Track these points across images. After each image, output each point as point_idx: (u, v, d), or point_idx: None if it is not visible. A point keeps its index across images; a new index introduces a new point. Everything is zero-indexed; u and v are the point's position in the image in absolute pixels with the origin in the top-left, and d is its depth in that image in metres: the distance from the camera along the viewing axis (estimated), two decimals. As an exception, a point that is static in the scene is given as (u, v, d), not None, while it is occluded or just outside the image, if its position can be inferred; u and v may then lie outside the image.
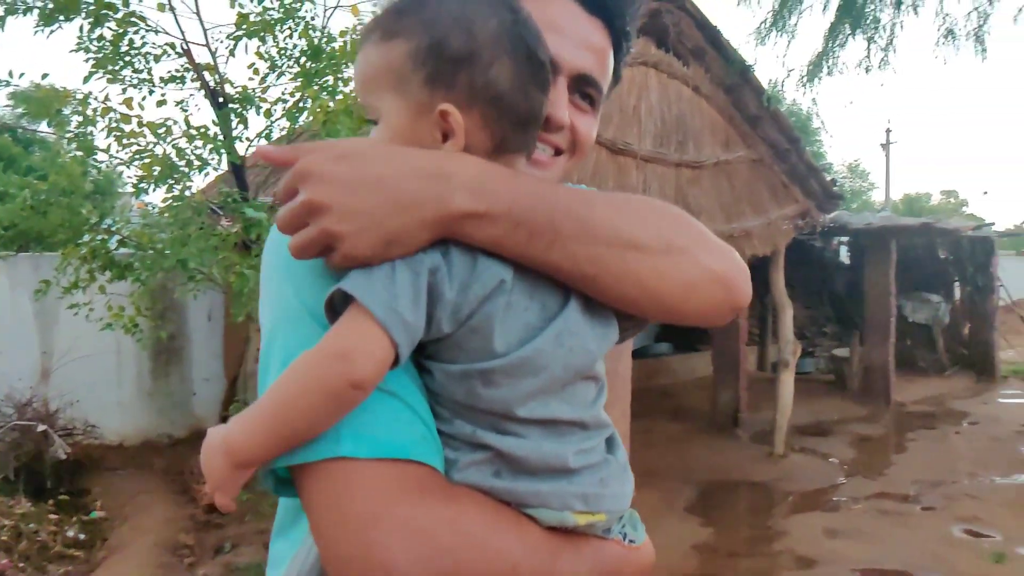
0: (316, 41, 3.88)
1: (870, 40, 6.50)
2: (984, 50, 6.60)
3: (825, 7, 6.56)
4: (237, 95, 3.72)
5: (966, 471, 6.83)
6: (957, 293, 12.50)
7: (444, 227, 0.68)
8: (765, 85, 6.72)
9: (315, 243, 0.68)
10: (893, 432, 8.57)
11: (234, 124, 3.69)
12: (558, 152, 0.87)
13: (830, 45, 6.61)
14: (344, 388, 0.64)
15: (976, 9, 6.60)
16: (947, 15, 6.71)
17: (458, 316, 0.69)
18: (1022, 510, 5.71)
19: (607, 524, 0.75)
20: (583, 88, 0.88)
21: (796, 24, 6.57)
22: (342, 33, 3.96)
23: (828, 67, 6.65)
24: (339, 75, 3.83)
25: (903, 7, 6.63)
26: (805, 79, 6.66)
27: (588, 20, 0.87)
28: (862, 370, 9.99)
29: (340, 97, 3.62)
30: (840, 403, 9.54)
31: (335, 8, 4.05)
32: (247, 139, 3.87)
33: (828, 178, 7.91)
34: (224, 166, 3.82)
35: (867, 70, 6.64)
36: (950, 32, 6.64)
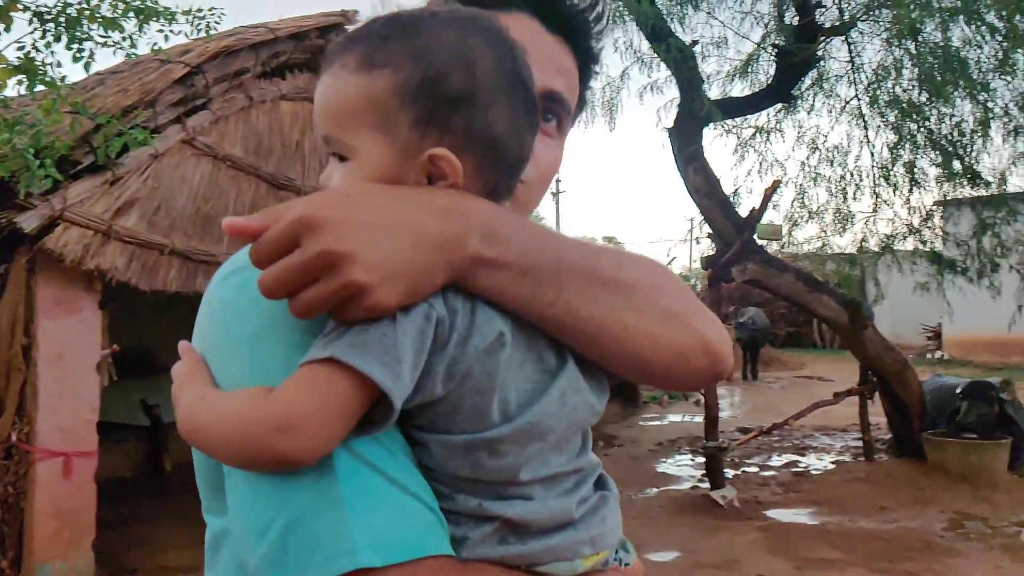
0: None
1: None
2: (613, 120, 7.67)
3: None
4: None
5: (610, 489, 7.68)
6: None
7: (457, 270, 0.63)
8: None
9: (334, 299, 0.59)
10: (555, 459, 9.36)
11: None
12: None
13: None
14: (269, 463, 0.60)
15: (608, 84, 7.66)
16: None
17: (453, 373, 0.62)
18: (649, 520, 6.53)
19: (607, 557, 0.74)
20: (550, 105, 0.82)
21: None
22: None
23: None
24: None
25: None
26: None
27: (553, 40, 0.83)
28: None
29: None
30: (511, 435, 10.19)
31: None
32: None
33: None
34: None
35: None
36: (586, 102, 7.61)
